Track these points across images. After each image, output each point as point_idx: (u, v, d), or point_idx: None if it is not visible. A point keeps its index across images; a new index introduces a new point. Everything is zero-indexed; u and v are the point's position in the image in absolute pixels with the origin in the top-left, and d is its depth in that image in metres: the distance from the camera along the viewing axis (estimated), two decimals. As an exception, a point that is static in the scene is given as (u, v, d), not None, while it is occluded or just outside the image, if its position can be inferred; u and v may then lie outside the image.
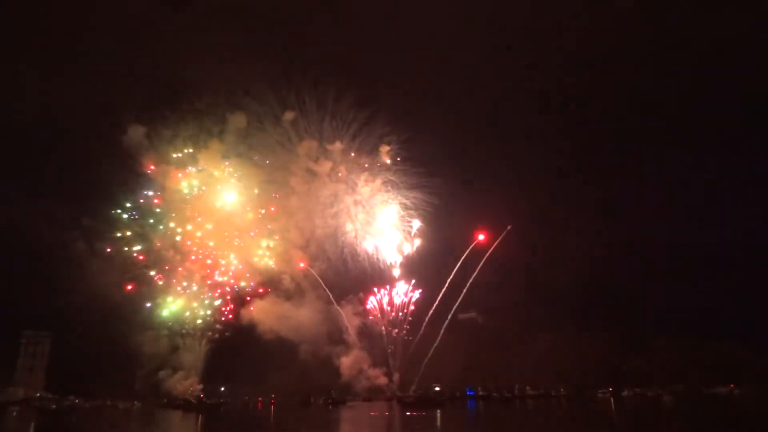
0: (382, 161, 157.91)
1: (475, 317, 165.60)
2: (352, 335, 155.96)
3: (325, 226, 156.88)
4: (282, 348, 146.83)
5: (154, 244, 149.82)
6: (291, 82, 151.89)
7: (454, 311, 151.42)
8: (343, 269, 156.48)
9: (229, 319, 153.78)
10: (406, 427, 71.12)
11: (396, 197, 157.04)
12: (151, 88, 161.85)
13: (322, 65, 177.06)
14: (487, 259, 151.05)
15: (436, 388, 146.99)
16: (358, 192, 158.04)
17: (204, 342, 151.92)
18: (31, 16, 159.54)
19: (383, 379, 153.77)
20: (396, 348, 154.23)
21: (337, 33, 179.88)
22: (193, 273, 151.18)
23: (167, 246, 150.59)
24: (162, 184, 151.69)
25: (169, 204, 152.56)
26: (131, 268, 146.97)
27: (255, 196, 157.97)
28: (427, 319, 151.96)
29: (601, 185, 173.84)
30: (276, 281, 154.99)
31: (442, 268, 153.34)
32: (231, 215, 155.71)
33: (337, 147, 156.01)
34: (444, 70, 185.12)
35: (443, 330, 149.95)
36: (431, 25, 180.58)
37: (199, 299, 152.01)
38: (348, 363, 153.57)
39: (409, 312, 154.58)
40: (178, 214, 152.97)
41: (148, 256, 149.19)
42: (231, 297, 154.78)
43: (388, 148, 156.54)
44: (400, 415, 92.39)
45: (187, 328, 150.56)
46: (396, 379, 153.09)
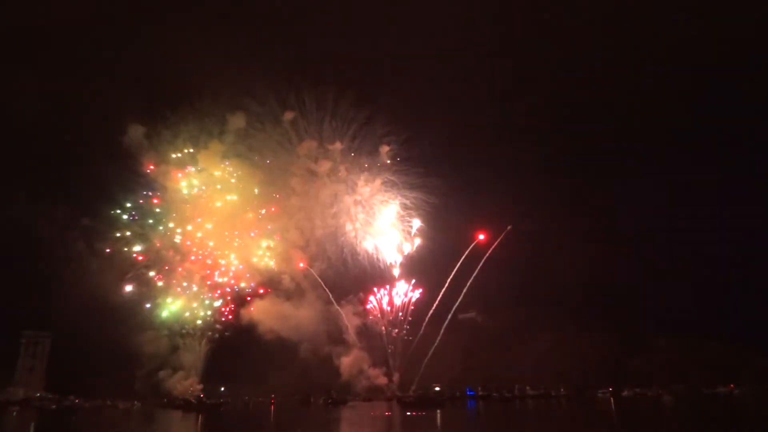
0: (382, 161, 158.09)
1: (475, 317, 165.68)
2: (352, 335, 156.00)
3: (325, 226, 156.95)
4: (282, 348, 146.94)
5: (153, 245, 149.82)
6: (291, 82, 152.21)
7: (454, 311, 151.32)
8: (343, 269, 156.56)
9: (229, 319, 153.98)
10: (406, 427, 71.05)
11: (396, 197, 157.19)
12: (151, 88, 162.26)
13: (322, 65, 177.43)
14: (487, 259, 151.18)
15: (436, 388, 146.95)
16: (358, 192, 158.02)
17: (204, 342, 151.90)
18: (31, 16, 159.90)
19: (383, 379, 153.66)
20: (396, 348, 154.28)
21: (337, 33, 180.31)
22: (193, 273, 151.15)
23: (167, 246, 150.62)
24: (162, 184, 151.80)
25: (168, 204, 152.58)
26: (131, 269, 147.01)
27: (255, 196, 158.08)
28: (427, 319, 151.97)
29: (601, 185, 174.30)
30: (276, 281, 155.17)
31: (442, 268, 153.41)
32: (231, 215, 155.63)
33: (337, 147, 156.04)
34: (444, 70, 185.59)
35: (443, 330, 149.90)
36: (431, 25, 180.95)
37: (199, 299, 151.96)
38: (348, 363, 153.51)
39: (409, 312, 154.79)
40: (178, 215, 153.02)
41: (148, 256, 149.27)
42: (231, 297, 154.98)
43: (388, 148, 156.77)
44: (400, 415, 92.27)
45: (187, 328, 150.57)
46: (396, 379, 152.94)
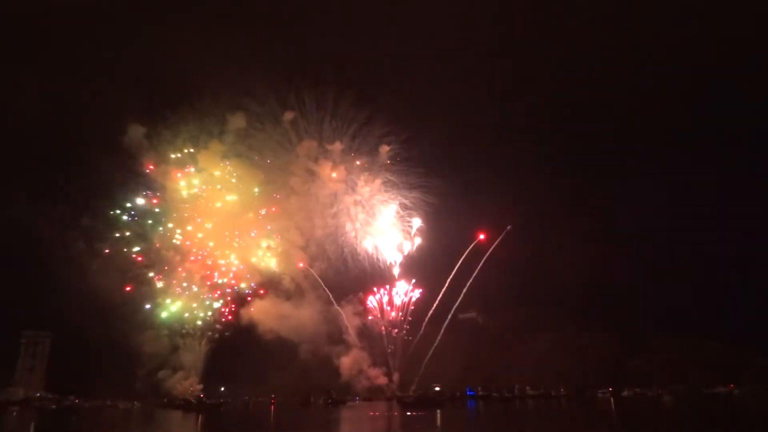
0: (381, 161, 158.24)
1: (475, 317, 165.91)
2: (352, 335, 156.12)
3: (325, 226, 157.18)
4: (282, 348, 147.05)
5: (153, 245, 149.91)
6: (291, 82, 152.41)
7: (454, 311, 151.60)
8: (343, 269, 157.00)
9: (229, 319, 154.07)
10: (406, 427, 70.93)
11: (396, 197, 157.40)
12: (151, 88, 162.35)
13: (322, 65, 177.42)
14: (487, 259, 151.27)
15: (436, 388, 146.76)
16: (358, 192, 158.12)
17: (204, 342, 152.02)
18: (31, 16, 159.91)
19: (383, 379, 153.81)
20: (396, 348, 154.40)
21: (337, 33, 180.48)
22: (193, 273, 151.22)
23: (167, 246, 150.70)
24: (162, 184, 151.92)
25: (168, 204, 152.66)
26: (131, 269, 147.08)
27: (255, 196, 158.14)
28: (427, 319, 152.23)
29: (601, 185, 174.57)
30: (276, 281, 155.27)
31: (442, 268, 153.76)
32: (231, 215, 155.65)
33: (337, 147, 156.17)
34: (444, 70, 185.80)
35: (443, 330, 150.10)
36: (431, 25, 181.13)
37: (199, 300, 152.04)
38: (348, 363, 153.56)
39: (409, 312, 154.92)
40: (178, 215, 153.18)
41: (148, 256, 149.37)
42: (231, 297, 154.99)
43: (387, 148, 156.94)
44: (400, 415, 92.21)
45: (187, 328, 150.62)
46: (396, 379, 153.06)
